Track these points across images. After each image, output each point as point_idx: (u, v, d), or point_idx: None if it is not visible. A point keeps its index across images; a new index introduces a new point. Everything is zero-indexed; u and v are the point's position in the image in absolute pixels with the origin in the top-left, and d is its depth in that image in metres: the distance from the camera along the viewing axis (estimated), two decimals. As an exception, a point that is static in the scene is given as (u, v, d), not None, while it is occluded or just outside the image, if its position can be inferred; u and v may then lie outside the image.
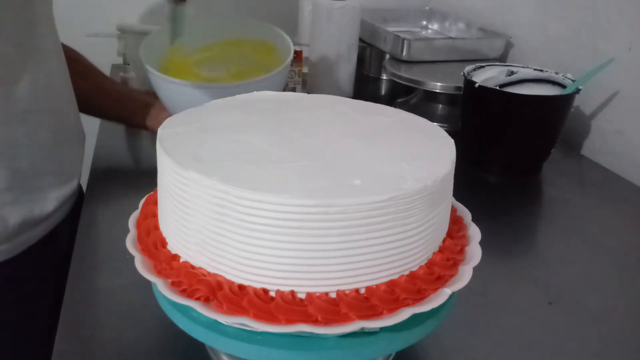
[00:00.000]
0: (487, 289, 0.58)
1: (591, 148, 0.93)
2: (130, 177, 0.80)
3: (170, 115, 0.79)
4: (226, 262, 0.37)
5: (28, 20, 0.59)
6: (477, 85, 0.80)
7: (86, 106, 0.76)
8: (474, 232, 0.45)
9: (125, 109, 0.83)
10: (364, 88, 1.19)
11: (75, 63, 0.75)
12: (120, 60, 1.07)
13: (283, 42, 0.86)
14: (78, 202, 0.73)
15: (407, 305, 0.37)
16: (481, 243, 0.43)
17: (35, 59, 0.60)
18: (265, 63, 0.87)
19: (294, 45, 1.03)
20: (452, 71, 1.01)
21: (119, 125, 0.92)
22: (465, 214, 0.47)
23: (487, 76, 0.85)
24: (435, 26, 1.31)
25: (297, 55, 1.03)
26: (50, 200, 0.65)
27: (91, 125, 0.87)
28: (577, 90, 0.79)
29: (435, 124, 0.47)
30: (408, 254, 0.38)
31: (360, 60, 1.14)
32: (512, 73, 0.87)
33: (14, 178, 0.60)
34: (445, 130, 0.46)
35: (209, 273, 0.38)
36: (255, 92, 0.52)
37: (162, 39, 0.83)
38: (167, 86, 0.77)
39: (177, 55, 0.86)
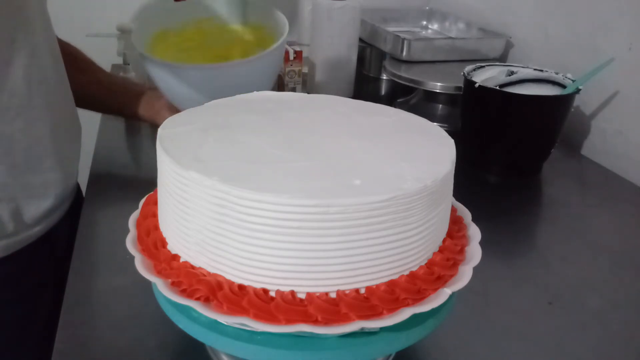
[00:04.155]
0: (487, 289, 0.58)
1: (591, 148, 0.93)
2: (130, 177, 0.80)
3: (164, 103, 0.81)
4: (226, 262, 0.37)
5: (20, 15, 0.59)
6: (477, 85, 0.80)
7: (84, 100, 0.76)
8: (474, 232, 0.45)
9: (121, 99, 0.84)
10: (364, 88, 1.19)
11: (73, 58, 0.76)
12: (120, 60, 1.07)
13: (273, 21, 0.85)
14: (76, 202, 0.73)
15: (407, 305, 0.37)
16: (481, 243, 0.43)
17: (28, 54, 0.60)
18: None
19: (294, 45, 1.04)
20: (452, 71, 1.01)
21: (118, 125, 0.92)
22: (465, 214, 0.47)
23: (487, 76, 0.85)
24: (435, 26, 1.31)
25: (297, 55, 1.03)
26: (47, 197, 0.65)
27: (91, 125, 0.87)
28: (577, 90, 0.79)
29: (435, 124, 0.47)
30: (408, 254, 0.38)
31: (360, 60, 1.14)
32: (512, 73, 0.87)
33: (10, 174, 0.60)
34: (445, 130, 0.46)
35: (209, 273, 0.38)
36: (255, 92, 0.52)
37: (151, 22, 0.83)
38: (164, 71, 0.77)
39: (169, 35, 0.86)
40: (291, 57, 1.02)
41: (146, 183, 0.50)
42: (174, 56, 0.84)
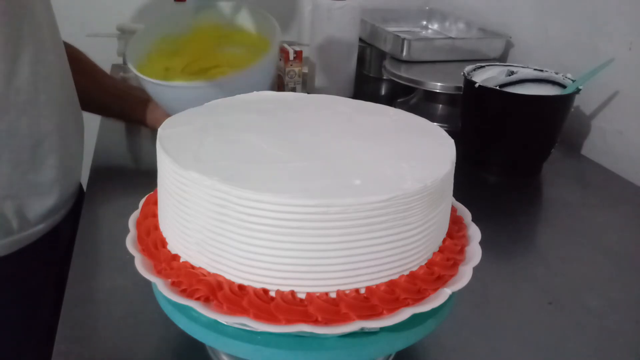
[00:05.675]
0: (487, 289, 0.58)
1: (591, 148, 0.93)
2: (130, 177, 0.80)
3: (163, 111, 0.81)
4: (226, 262, 0.37)
5: (26, 10, 0.59)
6: (477, 85, 0.80)
7: (86, 102, 0.76)
8: (474, 232, 0.45)
9: (124, 104, 0.84)
10: (364, 88, 1.19)
11: (77, 61, 0.76)
12: (120, 60, 1.07)
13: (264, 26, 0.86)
14: (79, 201, 0.73)
15: (407, 305, 0.37)
16: (481, 243, 0.43)
17: (34, 50, 0.60)
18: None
19: (294, 45, 1.04)
20: (452, 71, 1.01)
21: (119, 125, 0.92)
22: (465, 214, 0.47)
23: (487, 76, 0.85)
24: (435, 26, 1.31)
25: (297, 55, 1.03)
26: (51, 195, 0.65)
27: (91, 125, 0.87)
28: (577, 90, 0.79)
29: (435, 124, 0.47)
30: (408, 254, 0.38)
31: (360, 60, 1.14)
32: (512, 73, 0.87)
33: (15, 171, 0.60)
34: (445, 130, 0.46)
35: (209, 273, 0.38)
36: (255, 92, 0.52)
37: (146, 39, 0.85)
38: (159, 90, 0.77)
39: (162, 52, 0.87)
40: (291, 57, 1.02)
41: (146, 183, 0.50)
42: (169, 61, 0.86)
